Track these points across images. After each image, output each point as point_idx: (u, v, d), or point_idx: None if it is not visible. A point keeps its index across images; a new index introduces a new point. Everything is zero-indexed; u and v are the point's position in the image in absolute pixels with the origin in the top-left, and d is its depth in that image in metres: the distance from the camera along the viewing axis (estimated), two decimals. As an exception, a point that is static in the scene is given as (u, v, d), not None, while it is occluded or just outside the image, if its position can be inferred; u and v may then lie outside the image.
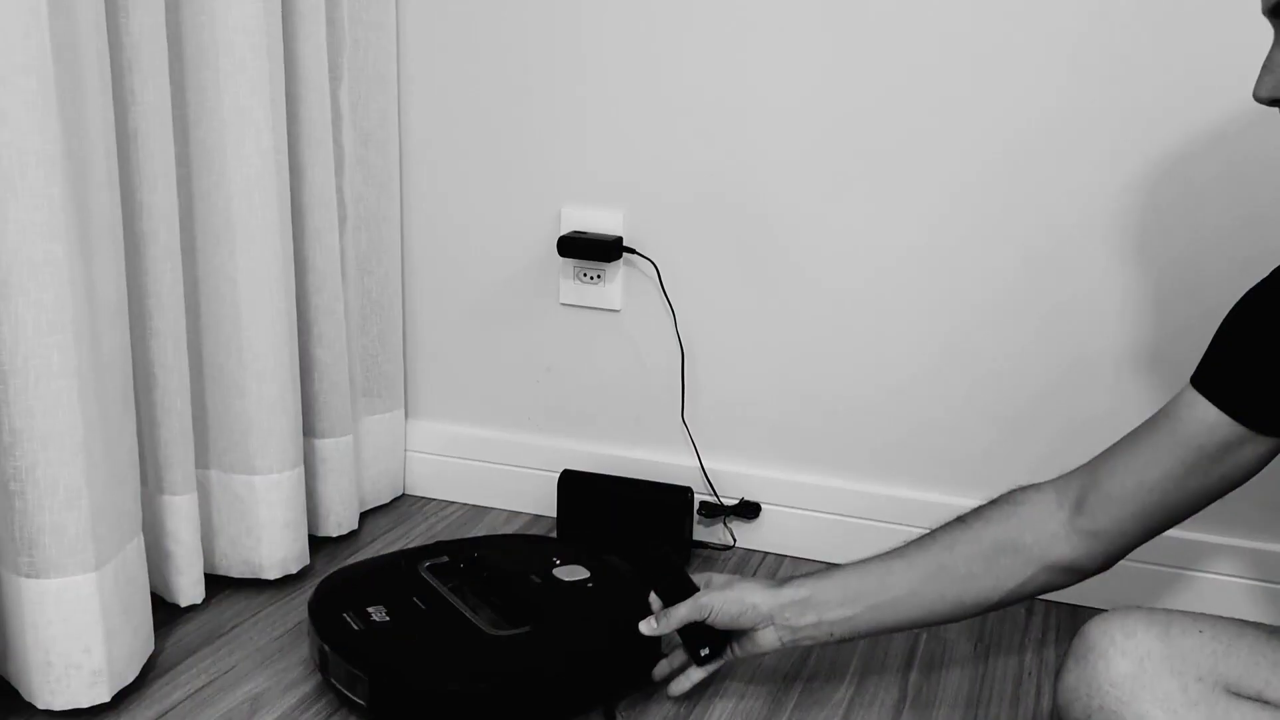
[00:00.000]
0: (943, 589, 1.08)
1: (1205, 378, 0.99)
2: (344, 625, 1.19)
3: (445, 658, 1.16)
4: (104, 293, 1.14)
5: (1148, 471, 1.01)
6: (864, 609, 1.10)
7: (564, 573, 1.30)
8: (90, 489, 1.12)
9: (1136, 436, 1.03)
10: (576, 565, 1.32)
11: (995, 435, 1.44)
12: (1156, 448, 1.01)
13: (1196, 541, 1.38)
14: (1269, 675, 0.88)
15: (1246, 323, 0.99)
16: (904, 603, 1.09)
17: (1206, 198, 1.31)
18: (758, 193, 1.46)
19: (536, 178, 1.54)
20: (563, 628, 1.21)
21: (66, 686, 1.14)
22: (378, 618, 1.20)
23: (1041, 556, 1.05)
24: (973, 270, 1.41)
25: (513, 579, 1.29)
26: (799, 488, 1.53)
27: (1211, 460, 0.98)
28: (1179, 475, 0.99)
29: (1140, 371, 1.37)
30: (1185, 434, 0.99)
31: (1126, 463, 1.02)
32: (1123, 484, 1.02)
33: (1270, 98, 0.88)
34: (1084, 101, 1.32)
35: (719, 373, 1.53)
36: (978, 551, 1.07)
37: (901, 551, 1.11)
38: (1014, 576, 1.06)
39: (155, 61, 1.19)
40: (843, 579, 1.12)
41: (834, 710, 1.21)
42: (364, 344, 1.59)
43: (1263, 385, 0.96)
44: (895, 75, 1.38)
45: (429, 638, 1.18)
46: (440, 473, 1.68)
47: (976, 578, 1.06)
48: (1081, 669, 0.90)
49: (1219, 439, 0.97)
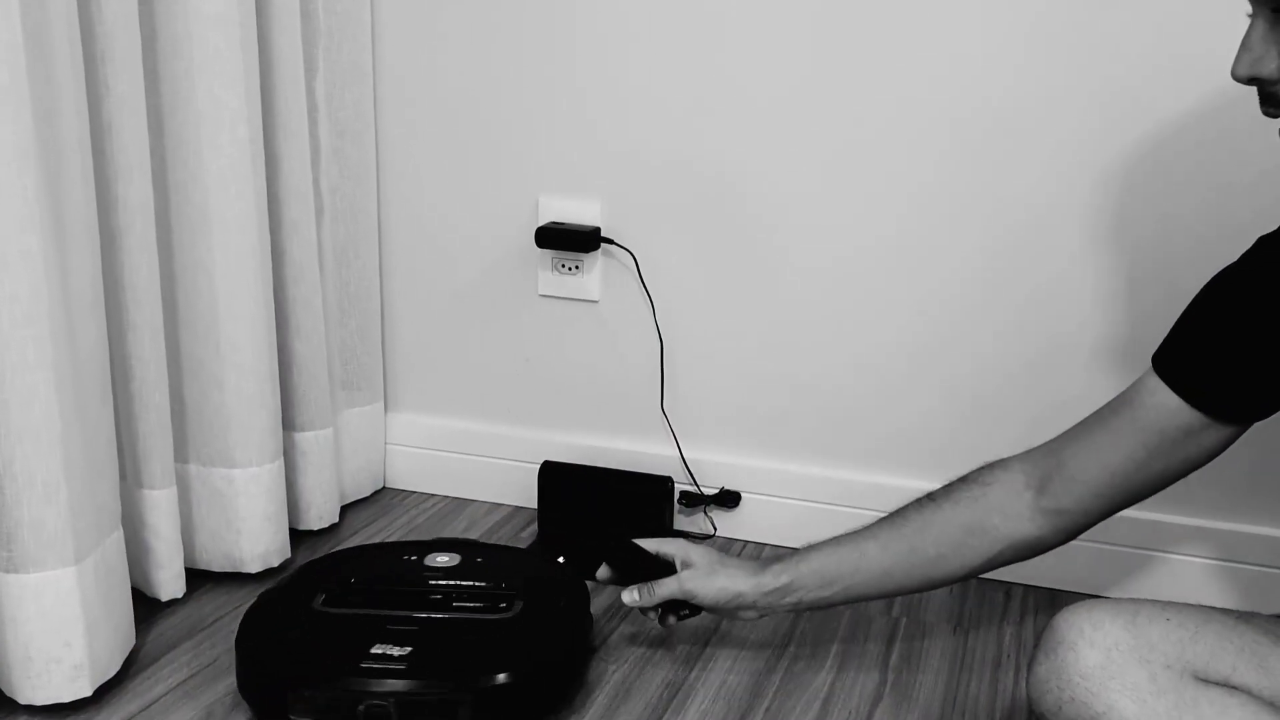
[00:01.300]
0: (913, 569, 1.12)
1: (1167, 363, 1.01)
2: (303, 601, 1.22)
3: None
4: (80, 286, 1.13)
5: (1110, 454, 1.03)
6: (839, 590, 1.15)
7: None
8: (69, 482, 1.12)
9: (1100, 418, 1.05)
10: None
11: (972, 421, 1.45)
12: (1119, 432, 1.03)
13: (1165, 523, 1.39)
14: (1235, 660, 0.89)
15: (1210, 310, 1.00)
16: (877, 582, 1.14)
17: (1177, 181, 1.32)
18: (735, 182, 1.47)
19: (513, 168, 1.54)
20: (448, 650, 1.16)
21: (47, 681, 1.14)
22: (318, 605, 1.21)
23: (1008, 536, 1.08)
24: (947, 258, 1.42)
25: (455, 591, 1.25)
26: (779, 476, 1.53)
27: (1173, 444, 1.00)
28: (1141, 458, 1.02)
29: (1113, 355, 1.38)
30: (1147, 419, 1.01)
31: (1089, 445, 1.04)
32: (1085, 466, 1.04)
33: (1248, 76, 0.89)
34: (1055, 86, 1.33)
35: (698, 362, 1.54)
36: (947, 535, 1.10)
37: (873, 532, 1.14)
38: (980, 555, 1.10)
39: (128, 53, 1.18)
40: (820, 562, 1.15)
41: (815, 694, 1.22)
42: (342, 337, 1.58)
43: (1224, 375, 0.97)
44: (870, 64, 1.39)
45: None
46: (421, 465, 1.68)
47: (946, 559, 1.11)
48: (1051, 661, 0.90)
49: (1180, 424, 0.99)
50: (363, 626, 1.17)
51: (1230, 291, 0.99)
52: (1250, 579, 1.38)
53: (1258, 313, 0.96)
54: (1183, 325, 1.02)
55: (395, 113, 1.57)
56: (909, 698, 1.22)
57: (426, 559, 1.30)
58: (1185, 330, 1.02)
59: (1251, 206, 1.27)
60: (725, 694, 1.22)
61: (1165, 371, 1.00)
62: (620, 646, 1.30)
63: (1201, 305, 1.01)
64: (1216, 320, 0.99)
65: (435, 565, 1.29)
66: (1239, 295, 0.98)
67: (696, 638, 1.32)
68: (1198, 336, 1.00)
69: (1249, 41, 0.89)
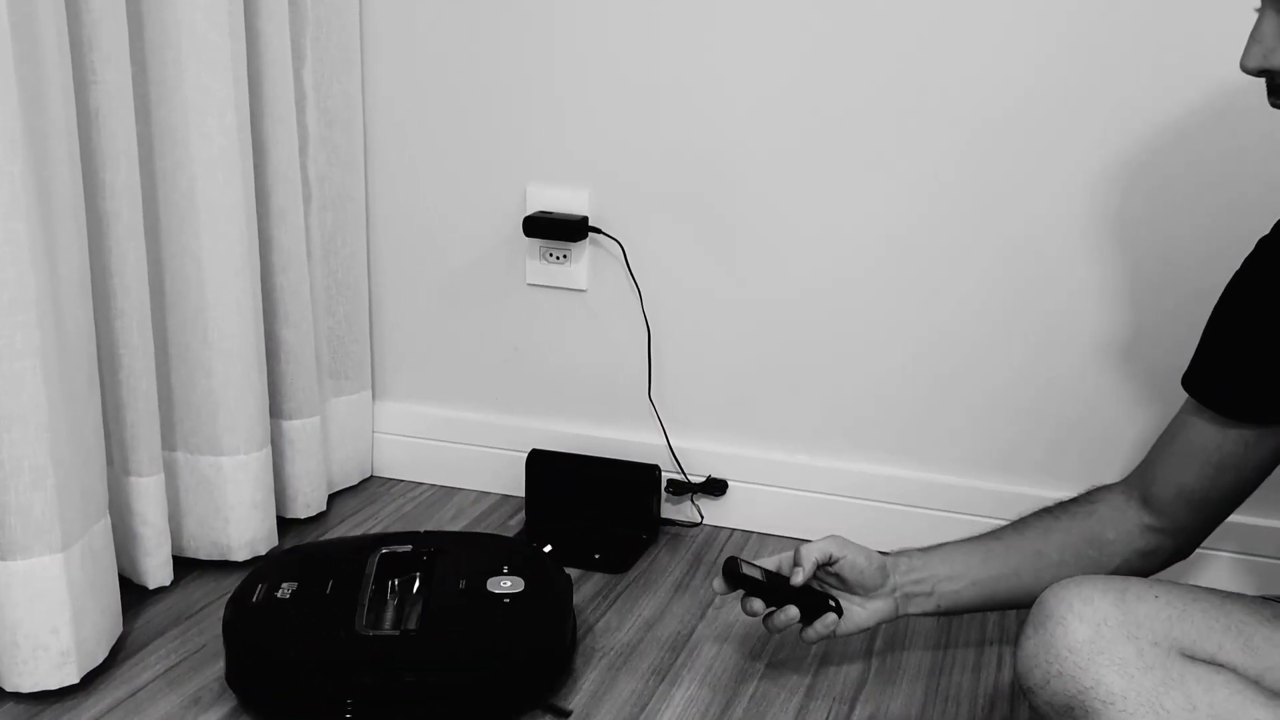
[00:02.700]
0: (1039, 571, 1.11)
1: (1199, 385, 1.03)
2: (248, 596, 1.20)
3: (298, 642, 1.14)
4: (67, 272, 1.13)
5: (1183, 476, 1.06)
6: (968, 584, 1.13)
7: (495, 584, 1.22)
8: (56, 469, 1.12)
9: (1164, 443, 1.08)
10: (516, 577, 1.23)
11: (961, 411, 1.46)
12: (1182, 456, 1.05)
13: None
14: (1221, 639, 0.90)
15: (1227, 323, 1.02)
16: (1005, 581, 1.13)
17: (1184, 185, 1.32)
18: (724, 172, 1.47)
19: (502, 157, 1.55)
20: (436, 639, 1.15)
21: (34, 668, 1.14)
22: (280, 595, 1.19)
23: (1122, 551, 1.10)
24: (939, 250, 1.42)
25: (444, 580, 1.24)
26: (765, 464, 1.54)
27: (1237, 457, 1.02)
28: (1211, 474, 1.04)
29: (1114, 355, 1.39)
30: (1200, 442, 1.04)
31: (1164, 469, 1.07)
32: (1167, 488, 1.07)
33: (1258, 68, 0.89)
34: (1060, 90, 1.33)
35: (685, 351, 1.54)
36: (1069, 544, 1.11)
37: (997, 535, 1.15)
38: (1100, 567, 1.10)
39: (115, 39, 1.18)
40: (947, 555, 1.15)
41: (800, 679, 1.23)
42: (330, 325, 1.59)
43: (1257, 383, 0.99)
44: (867, 58, 1.39)
45: (299, 622, 1.16)
46: (408, 454, 1.68)
47: (1068, 565, 1.10)
48: (1040, 636, 0.91)
49: (1232, 439, 1.02)
50: (349, 613, 1.17)
51: (1241, 301, 1.01)
52: (1266, 570, 1.39)
53: (1272, 315, 0.98)
54: (1205, 344, 1.05)
55: (384, 101, 1.57)
56: (893, 682, 1.23)
57: (419, 545, 1.30)
58: (1209, 348, 1.04)
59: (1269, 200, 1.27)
60: (711, 679, 1.23)
61: (1199, 393, 1.03)
62: (606, 634, 1.31)
63: (1218, 320, 1.03)
64: (1234, 332, 1.01)
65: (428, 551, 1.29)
66: (1250, 302, 1.00)
67: (683, 625, 1.33)
68: (1221, 352, 1.02)
69: (1259, 33, 0.89)
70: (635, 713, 1.17)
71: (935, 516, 1.48)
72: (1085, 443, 1.42)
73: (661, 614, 1.35)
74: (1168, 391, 1.16)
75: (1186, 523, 1.08)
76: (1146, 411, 1.39)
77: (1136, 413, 1.39)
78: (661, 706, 1.18)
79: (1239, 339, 1.01)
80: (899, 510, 1.49)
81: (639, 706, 1.18)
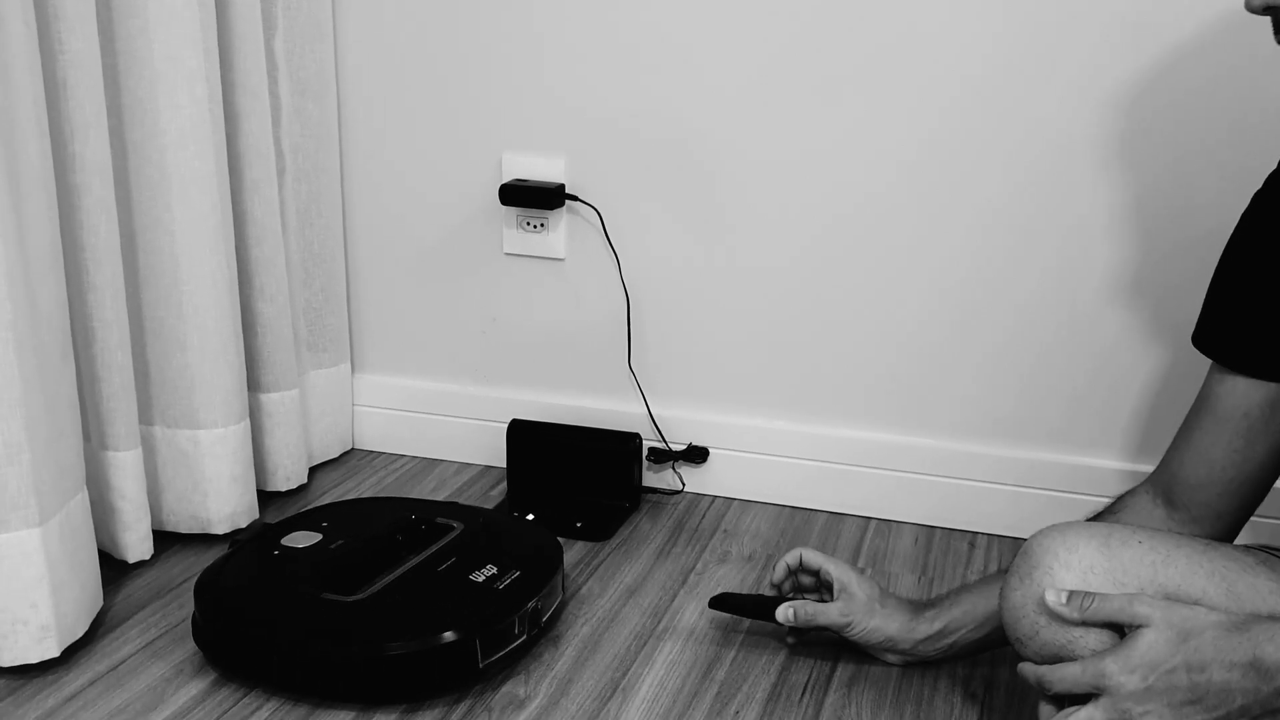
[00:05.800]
0: None
1: (1212, 338, 1.00)
2: (273, 543, 1.26)
3: (260, 605, 1.17)
4: (38, 245, 1.12)
5: (1213, 452, 1.01)
6: (995, 628, 1.09)
7: (479, 573, 1.21)
8: (31, 443, 1.11)
9: (1189, 422, 1.03)
10: (515, 572, 1.21)
11: (939, 373, 1.46)
12: (1209, 430, 1.01)
13: (1127, 471, 1.41)
14: (1205, 584, 0.89)
15: (1235, 274, 0.99)
16: None
17: (1192, 110, 1.29)
18: (703, 136, 1.46)
19: (476, 125, 1.54)
20: (395, 607, 1.15)
21: (14, 643, 1.14)
22: (291, 544, 1.25)
23: None
24: (918, 214, 1.42)
25: (436, 559, 1.23)
26: (746, 431, 1.54)
27: (1265, 421, 0.98)
28: (1241, 446, 1.00)
29: (1124, 296, 1.37)
30: (1225, 408, 1.00)
31: (1191, 450, 1.03)
32: (1195, 471, 1.02)
33: (1264, 5, 0.88)
34: (1062, 13, 1.30)
35: (664, 319, 1.54)
36: None
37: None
38: None
39: (82, 9, 1.17)
40: (972, 601, 1.13)
41: (779, 646, 1.23)
42: (307, 297, 1.58)
43: (1274, 334, 0.96)
44: (847, 12, 1.38)
45: (284, 576, 1.20)
46: (389, 426, 1.68)
47: None
48: (1026, 587, 0.91)
49: (1258, 400, 0.98)
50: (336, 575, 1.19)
51: (1253, 243, 0.98)
52: (1266, 529, 1.39)
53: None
54: (1216, 293, 1.01)
55: (356, 70, 1.56)
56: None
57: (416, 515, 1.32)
58: (1220, 298, 1.00)
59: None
60: (693, 643, 1.23)
61: (1213, 349, 1.00)
62: (589, 601, 1.31)
63: (1228, 266, 1.00)
64: (1251, 277, 0.97)
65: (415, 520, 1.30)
66: (1263, 245, 0.96)
67: (664, 591, 1.33)
68: (1237, 299, 0.99)
69: None
70: (617, 677, 1.18)
71: (917, 480, 1.48)
72: (1070, 401, 1.42)
73: (643, 581, 1.36)
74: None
75: (1220, 509, 1.02)
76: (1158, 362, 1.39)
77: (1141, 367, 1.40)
78: (644, 670, 1.19)
79: (1256, 284, 0.96)
80: (880, 474, 1.50)
81: (620, 670, 1.18)
